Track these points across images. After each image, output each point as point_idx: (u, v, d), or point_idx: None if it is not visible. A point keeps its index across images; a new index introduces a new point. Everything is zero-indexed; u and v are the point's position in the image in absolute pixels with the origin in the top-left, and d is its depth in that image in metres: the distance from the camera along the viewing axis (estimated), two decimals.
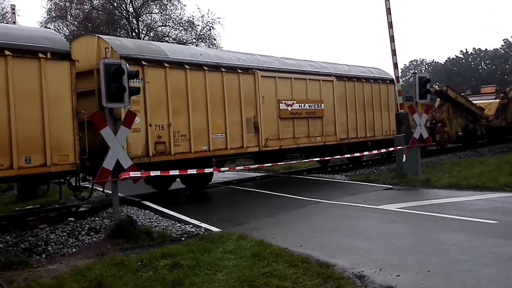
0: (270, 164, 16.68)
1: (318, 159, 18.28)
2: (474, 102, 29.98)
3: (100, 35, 13.69)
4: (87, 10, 35.99)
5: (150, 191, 15.70)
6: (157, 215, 11.86)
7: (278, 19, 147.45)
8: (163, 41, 37.11)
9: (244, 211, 12.51)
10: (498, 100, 31.00)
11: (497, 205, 11.51)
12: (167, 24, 37.34)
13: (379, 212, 11.45)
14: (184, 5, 48.11)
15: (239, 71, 15.73)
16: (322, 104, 18.65)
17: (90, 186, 12.84)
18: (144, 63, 12.97)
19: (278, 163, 17.02)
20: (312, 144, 18.31)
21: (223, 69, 15.15)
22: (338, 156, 18.33)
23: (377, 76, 22.29)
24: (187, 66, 14.07)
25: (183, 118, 13.82)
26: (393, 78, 21.37)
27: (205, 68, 14.58)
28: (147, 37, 37.31)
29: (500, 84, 49.97)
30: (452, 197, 12.83)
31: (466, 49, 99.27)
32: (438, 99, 28.66)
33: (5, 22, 32.98)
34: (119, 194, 10.61)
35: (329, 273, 6.90)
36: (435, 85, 28.56)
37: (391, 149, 18.04)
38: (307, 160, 17.96)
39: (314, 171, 20.57)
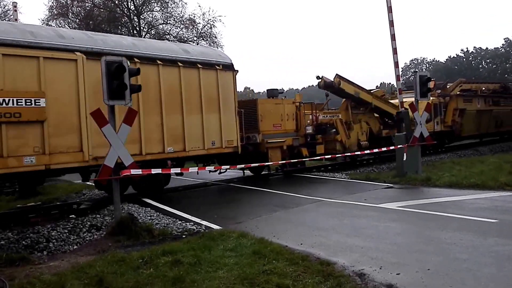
0: (271, 163, 16.74)
1: None
2: (405, 100, 23.23)
3: None
4: (88, 8, 36.02)
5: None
6: (158, 213, 11.90)
7: (279, 17, 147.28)
8: (164, 39, 37.14)
9: (245, 209, 12.54)
10: (431, 99, 23.50)
11: (497, 204, 11.53)
12: (168, 22, 37.35)
13: (379, 211, 11.47)
14: (185, 3, 47.98)
15: None
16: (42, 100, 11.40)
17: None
18: None
19: (279, 162, 17.10)
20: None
21: None
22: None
23: (198, 58, 15.26)
24: None
25: None
26: (232, 64, 16.31)
27: None
28: (148, 35, 37.32)
29: None
30: (453, 196, 12.85)
31: (467, 48, 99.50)
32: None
33: (6, 19, 32.98)
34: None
35: (329, 271, 6.93)
36: (322, 77, 20.82)
37: (384, 149, 18.22)
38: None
39: (315, 169, 20.57)
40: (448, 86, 29.76)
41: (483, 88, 31.62)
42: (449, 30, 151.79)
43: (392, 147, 19.37)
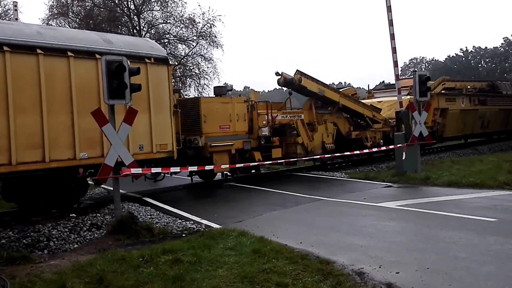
0: (271, 162, 16.73)
1: None
2: (381, 99, 25.03)
3: None
4: (88, 7, 36.05)
5: (152, 188, 15.76)
6: (158, 212, 11.94)
7: (280, 17, 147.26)
8: (164, 39, 37.15)
9: (245, 208, 12.57)
10: (408, 97, 22.91)
11: (496, 203, 11.57)
12: (168, 21, 37.28)
13: (378, 210, 11.51)
14: (185, 2, 48.10)
15: None
16: None
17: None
18: None
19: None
20: None
21: None
22: None
23: (122, 50, 12.88)
24: None
25: None
26: (166, 57, 14.60)
27: None
28: (148, 34, 37.31)
29: None
30: (452, 195, 12.88)
31: (466, 47, 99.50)
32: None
33: (7, 19, 32.99)
34: (120, 190, 10.67)
35: (329, 269, 6.96)
36: (282, 73, 18.89)
37: (391, 147, 18.12)
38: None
39: (314, 168, 20.60)
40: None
41: (469, 87, 29.66)
42: (449, 30, 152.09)
43: (383, 148, 19.66)
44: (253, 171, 17.48)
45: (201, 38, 37.49)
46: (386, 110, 24.11)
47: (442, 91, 26.76)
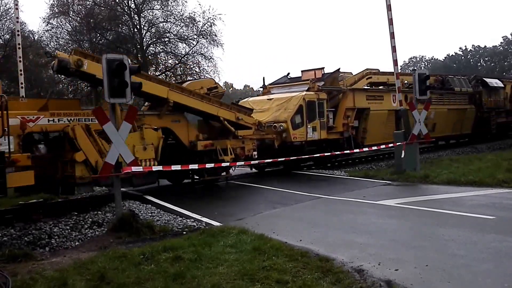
0: (270, 160, 16.73)
1: None
2: (277, 95, 20.07)
3: None
4: (89, 6, 36.11)
5: (152, 186, 15.77)
6: (158, 210, 11.99)
7: (280, 15, 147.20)
8: (164, 38, 37.21)
9: (245, 205, 12.62)
10: (302, 94, 18.92)
11: (495, 201, 11.60)
12: (169, 20, 37.33)
13: (378, 208, 11.54)
14: (185, 1, 48.01)
15: None
16: None
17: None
18: None
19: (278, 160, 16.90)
20: None
21: None
22: None
23: None
24: None
25: None
26: None
27: None
28: (148, 33, 37.37)
29: None
30: (451, 193, 12.91)
31: (466, 46, 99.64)
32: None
33: (8, 17, 33.10)
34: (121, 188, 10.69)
35: (328, 267, 7.00)
36: (56, 54, 14.30)
37: (390, 145, 18.11)
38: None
39: (314, 166, 20.63)
40: (342, 79, 21.65)
41: (406, 82, 24.14)
42: (448, 28, 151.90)
43: (382, 146, 19.09)
44: None
45: (201, 37, 37.57)
46: (273, 110, 18.84)
47: (366, 87, 22.85)
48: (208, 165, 13.83)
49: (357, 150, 20.12)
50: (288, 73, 23.71)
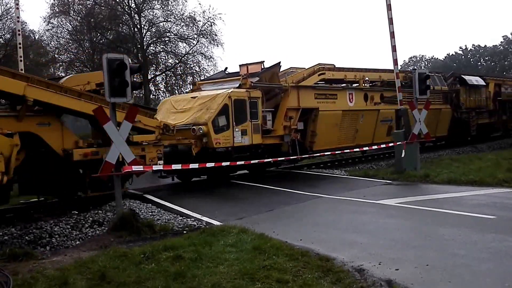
0: (271, 160, 16.69)
1: None
2: (207, 92, 16.92)
3: None
4: (89, 6, 36.16)
5: (153, 185, 15.80)
6: (159, 209, 12.00)
7: (280, 14, 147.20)
8: (164, 37, 37.22)
9: (245, 205, 12.61)
10: (228, 92, 15.98)
11: (496, 200, 11.61)
12: (169, 19, 37.40)
13: (378, 207, 11.55)
14: (186, 1, 48.14)
15: None
16: None
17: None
18: None
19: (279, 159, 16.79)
20: None
21: None
22: None
23: None
24: None
25: None
26: None
27: None
28: (149, 32, 37.39)
29: None
30: (451, 193, 12.91)
31: (466, 46, 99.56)
32: None
33: (8, 17, 33.12)
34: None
35: (328, 266, 7.00)
36: None
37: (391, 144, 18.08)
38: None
39: (314, 166, 20.63)
40: (263, 73, 17.97)
41: (367, 78, 22.14)
42: (448, 28, 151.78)
43: (383, 145, 18.72)
44: None
45: (201, 36, 37.65)
46: (195, 111, 15.89)
47: (317, 84, 19.89)
48: (208, 165, 12.93)
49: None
50: (226, 68, 21.16)
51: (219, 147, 15.34)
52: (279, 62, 18.26)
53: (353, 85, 21.56)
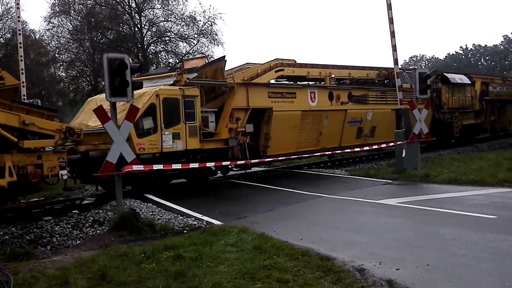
0: (271, 159, 16.67)
1: None
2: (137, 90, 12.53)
3: None
4: (90, 5, 36.16)
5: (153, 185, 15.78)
6: (159, 208, 12.00)
7: (280, 14, 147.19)
8: (165, 37, 37.21)
9: (245, 204, 12.61)
10: (155, 89, 13.80)
11: (496, 200, 11.60)
12: (169, 19, 37.34)
13: (378, 207, 11.55)
14: (186, 0, 48.09)
15: None
16: None
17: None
18: None
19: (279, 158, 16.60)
20: None
21: None
22: None
23: None
24: None
25: None
26: None
27: None
28: (149, 32, 37.38)
29: None
30: (451, 192, 12.90)
31: (466, 45, 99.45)
32: None
33: (9, 17, 33.12)
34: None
35: (329, 266, 7.00)
36: None
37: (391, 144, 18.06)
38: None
39: (315, 165, 20.63)
40: (201, 69, 15.81)
41: (333, 76, 20.34)
42: (449, 27, 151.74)
43: (383, 145, 19.09)
44: None
45: (202, 36, 37.58)
46: (118, 111, 11.55)
47: (273, 81, 18.23)
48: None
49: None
50: (169, 63, 19.46)
51: (143, 153, 13.02)
52: (224, 57, 16.64)
53: (321, 83, 20.15)
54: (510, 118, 32.48)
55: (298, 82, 19.75)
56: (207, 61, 17.20)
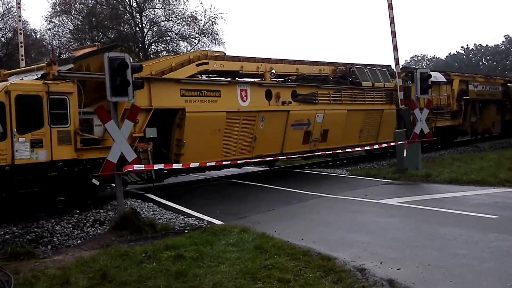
0: (271, 158, 16.62)
1: None
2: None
3: None
4: (91, 5, 36.19)
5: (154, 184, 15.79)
6: (160, 208, 12.01)
7: (280, 13, 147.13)
8: (166, 36, 37.18)
9: (246, 204, 12.62)
10: (7, 84, 11.23)
11: (497, 200, 11.60)
12: (170, 19, 37.35)
13: (379, 207, 11.54)
14: (187, 0, 48.09)
15: None
16: None
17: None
18: None
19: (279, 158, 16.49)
20: None
21: None
22: None
23: None
24: None
25: None
26: None
27: None
28: (150, 31, 37.38)
29: None
30: (452, 192, 12.90)
31: (467, 45, 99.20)
32: None
33: (10, 16, 33.15)
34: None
35: (330, 266, 7.01)
36: None
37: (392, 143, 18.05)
38: None
39: (316, 165, 20.63)
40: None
41: (273, 71, 17.72)
42: (450, 27, 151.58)
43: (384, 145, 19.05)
44: None
45: (203, 35, 37.59)
46: None
47: (192, 77, 15.06)
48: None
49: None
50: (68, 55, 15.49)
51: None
52: (116, 44, 13.94)
53: (262, 79, 17.56)
54: (494, 119, 30.15)
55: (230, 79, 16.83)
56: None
